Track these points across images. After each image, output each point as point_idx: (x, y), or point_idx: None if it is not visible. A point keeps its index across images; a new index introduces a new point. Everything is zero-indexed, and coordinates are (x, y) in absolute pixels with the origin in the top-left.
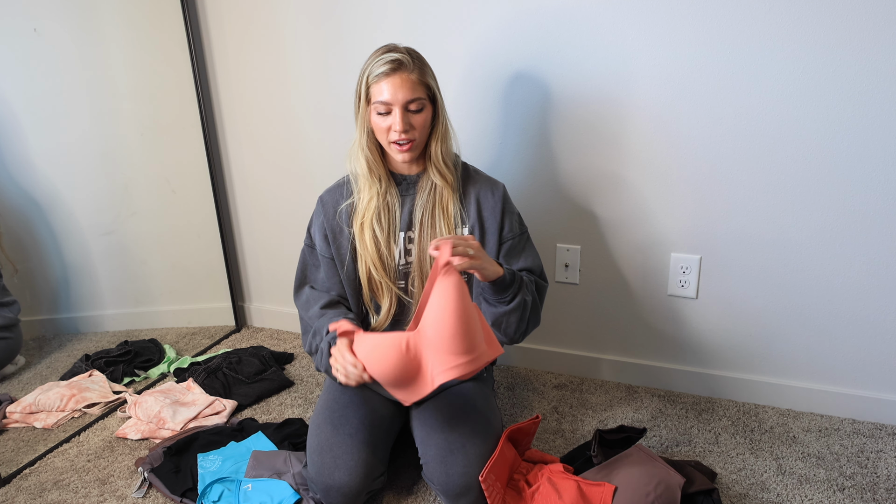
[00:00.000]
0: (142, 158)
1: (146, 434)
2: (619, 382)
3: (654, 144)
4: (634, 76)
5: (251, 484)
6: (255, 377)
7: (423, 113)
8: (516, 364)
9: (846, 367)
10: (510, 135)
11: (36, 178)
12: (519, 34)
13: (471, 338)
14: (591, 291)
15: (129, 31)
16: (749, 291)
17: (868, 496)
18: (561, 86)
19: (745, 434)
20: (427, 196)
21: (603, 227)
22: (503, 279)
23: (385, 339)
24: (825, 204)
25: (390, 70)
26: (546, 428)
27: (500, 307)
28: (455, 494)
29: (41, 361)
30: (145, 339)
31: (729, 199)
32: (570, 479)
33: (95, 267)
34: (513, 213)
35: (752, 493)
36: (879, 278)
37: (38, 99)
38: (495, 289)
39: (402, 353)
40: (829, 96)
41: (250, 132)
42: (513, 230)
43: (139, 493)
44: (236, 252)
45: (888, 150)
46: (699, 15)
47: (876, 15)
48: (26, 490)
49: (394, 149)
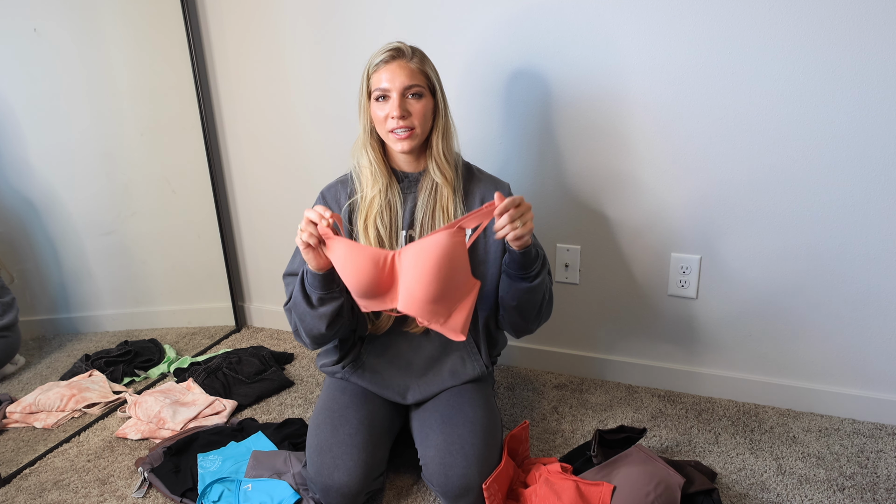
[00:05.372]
0: (142, 158)
1: (146, 434)
2: (619, 382)
3: (654, 144)
4: (634, 76)
5: (251, 484)
6: (255, 377)
7: (422, 101)
8: (516, 364)
9: (846, 367)
10: (510, 135)
11: (36, 179)
12: (518, 33)
13: (439, 290)
14: (591, 291)
15: (129, 31)
16: (749, 291)
17: (868, 496)
18: (561, 85)
19: (745, 434)
20: (428, 196)
21: (603, 227)
22: (531, 251)
23: (363, 250)
24: (825, 204)
25: (389, 58)
26: (546, 428)
27: (523, 283)
28: (454, 496)
29: (41, 361)
30: (145, 339)
31: (729, 199)
32: (568, 479)
33: (95, 267)
34: None
35: (752, 493)
36: (879, 278)
37: (38, 99)
38: (523, 261)
39: (378, 268)
40: (829, 96)
41: (250, 132)
42: None
43: (139, 493)
44: (236, 252)
45: (888, 150)
46: (699, 14)
47: (876, 15)
48: (26, 490)
49: (392, 139)
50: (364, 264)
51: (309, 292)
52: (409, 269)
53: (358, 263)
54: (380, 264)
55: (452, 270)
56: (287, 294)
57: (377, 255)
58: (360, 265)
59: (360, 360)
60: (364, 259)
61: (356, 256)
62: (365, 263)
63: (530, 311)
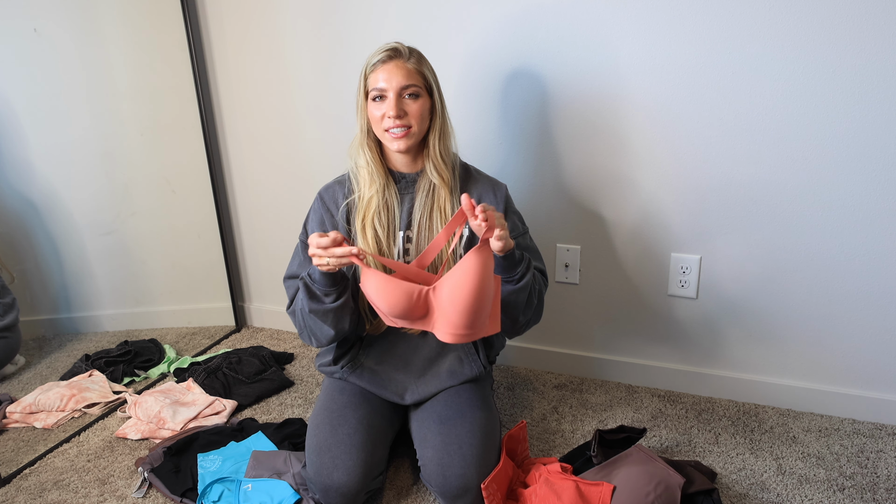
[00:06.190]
0: (142, 158)
1: (146, 434)
2: (619, 382)
3: (654, 144)
4: (633, 76)
5: (251, 484)
6: (255, 377)
7: (418, 101)
8: (516, 364)
9: (846, 367)
10: (509, 135)
11: (36, 179)
12: (517, 34)
13: (479, 315)
14: (591, 291)
15: (129, 32)
16: (749, 291)
17: (868, 496)
18: (560, 85)
19: (745, 434)
20: (425, 197)
21: (603, 227)
22: (513, 254)
23: (397, 284)
24: (825, 204)
25: (386, 58)
26: (546, 428)
27: (508, 286)
28: (453, 496)
29: (41, 361)
30: (145, 339)
31: (729, 199)
32: (568, 479)
33: (95, 267)
34: (515, 213)
35: (752, 493)
36: (879, 278)
37: (38, 99)
38: (506, 264)
39: (412, 301)
40: (829, 96)
41: (250, 132)
42: (516, 229)
43: (139, 493)
44: (236, 252)
45: (888, 150)
46: (699, 14)
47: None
48: (26, 490)
49: (388, 138)
50: (398, 299)
51: (316, 290)
52: (448, 304)
53: (391, 298)
54: (413, 298)
55: (487, 289)
56: (289, 297)
57: (411, 290)
58: (394, 300)
59: (358, 360)
60: (398, 294)
61: (390, 291)
62: (399, 298)
63: (516, 312)
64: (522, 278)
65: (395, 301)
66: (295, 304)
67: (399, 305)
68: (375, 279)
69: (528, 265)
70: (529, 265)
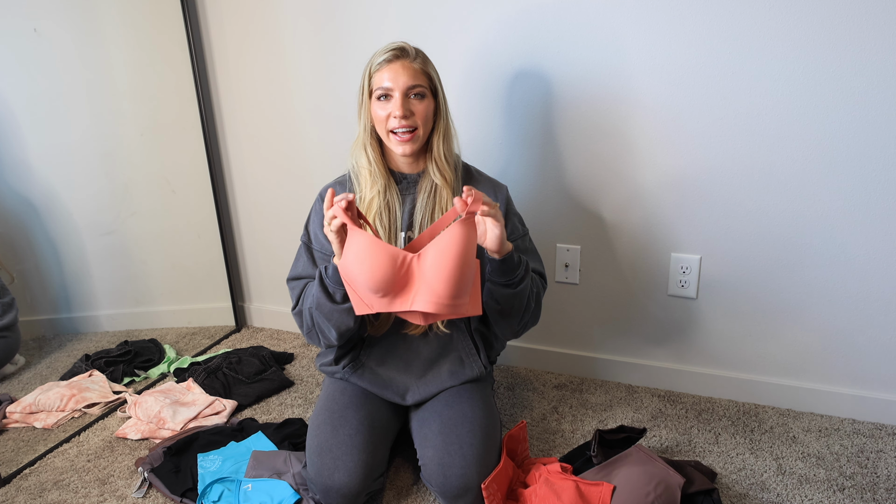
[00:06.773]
0: (142, 158)
1: (146, 434)
2: (619, 382)
3: (654, 144)
4: (635, 76)
5: (251, 484)
6: (255, 377)
7: (424, 102)
8: (516, 364)
9: (846, 367)
10: (511, 135)
11: (36, 179)
12: (519, 34)
13: (462, 286)
14: (591, 291)
15: (129, 32)
16: (749, 291)
17: (868, 496)
18: (562, 86)
19: (745, 434)
20: (427, 198)
21: (603, 227)
22: (512, 257)
23: (382, 246)
24: (825, 203)
25: (392, 57)
26: (546, 428)
27: (506, 290)
28: (453, 496)
29: (41, 361)
30: (145, 339)
31: (729, 199)
32: (568, 479)
33: (95, 267)
34: (515, 214)
35: (752, 493)
36: (880, 278)
37: (38, 99)
38: (504, 268)
39: (395, 266)
40: (829, 96)
41: (250, 132)
42: (515, 231)
43: (139, 493)
44: (236, 252)
45: (888, 150)
46: (700, 15)
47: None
48: (26, 490)
49: (393, 140)
50: (381, 262)
51: (332, 290)
52: (432, 269)
53: (375, 261)
54: (397, 263)
55: (470, 260)
56: (293, 298)
57: (396, 255)
58: (377, 263)
59: (359, 360)
60: (382, 257)
61: (375, 253)
62: (383, 261)
63: (513, 316)
64: (521, 282)
65: (378, 264)
66: (301, 304)
67: (381, 270)
68: (362, 239)
69: (526, 269)
70: (528, 269)
